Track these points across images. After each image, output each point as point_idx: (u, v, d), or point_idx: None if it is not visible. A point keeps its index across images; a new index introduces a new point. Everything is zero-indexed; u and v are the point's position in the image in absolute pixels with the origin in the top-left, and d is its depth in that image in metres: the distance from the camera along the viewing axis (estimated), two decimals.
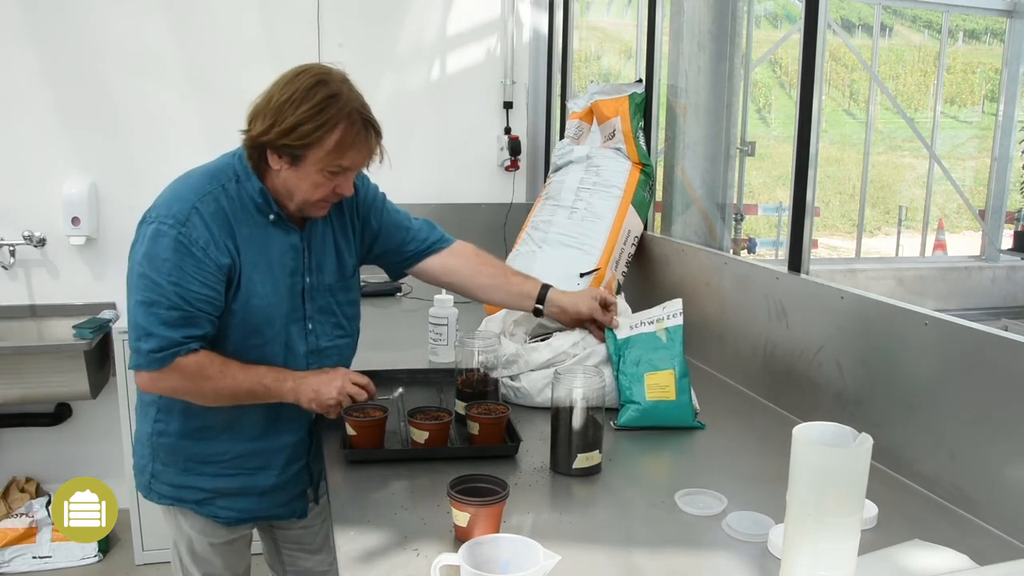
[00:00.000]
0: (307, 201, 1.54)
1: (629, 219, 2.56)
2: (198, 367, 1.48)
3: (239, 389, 1.51)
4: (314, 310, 1.64)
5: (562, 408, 1.50)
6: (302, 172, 1.49)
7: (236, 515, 1.70)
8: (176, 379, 1.49)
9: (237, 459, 1.64)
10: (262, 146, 1.49)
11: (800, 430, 1.01)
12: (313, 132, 1.44)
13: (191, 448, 1.63)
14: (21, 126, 3.20)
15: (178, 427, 1.62)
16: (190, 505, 1.67)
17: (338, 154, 1.47)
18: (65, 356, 2.98)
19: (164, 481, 1.66)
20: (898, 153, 11.38)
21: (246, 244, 1.52)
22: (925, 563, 1.16)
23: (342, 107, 1.45)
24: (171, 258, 1.45)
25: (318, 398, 1.52)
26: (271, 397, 1.54)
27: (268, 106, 1.46)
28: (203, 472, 1.64)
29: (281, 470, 1.69)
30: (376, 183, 1.80)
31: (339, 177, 1.52)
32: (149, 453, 1.66)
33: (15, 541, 3.04)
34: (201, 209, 1.48)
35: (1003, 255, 4.88)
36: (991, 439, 1.34)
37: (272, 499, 1.72)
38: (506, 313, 1.98)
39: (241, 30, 3.31)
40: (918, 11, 12.03)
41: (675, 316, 1.81)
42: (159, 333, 1.45)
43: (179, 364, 1.47)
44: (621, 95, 2.68)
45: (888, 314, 1.58)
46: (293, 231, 1.60)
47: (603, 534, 1.29)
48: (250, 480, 1.67)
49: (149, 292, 1.46)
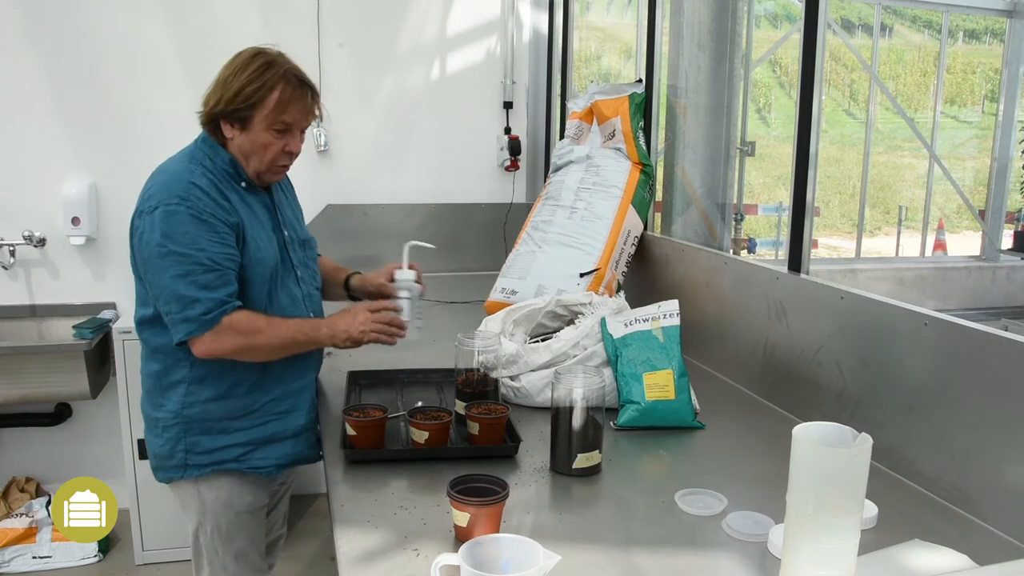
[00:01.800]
0: (262, 162, 1.71)
1: (629, 219, 2.56)
2: (248, 321, 1.64)
3: (286, 338, 1.67)
4: (297, 261, 1.84)
5: (562, 408, 1.50)
6: (252, 134, 1.68)
7: (274, 462, 1.80)
8: (233, 336, 1.62)
9: (268, 404, 1.76)
10: (215, 118, 1.68)
11: (800, 430, 1.01)
12: (256, 93, 1.65)
13: (224, 407, 1.73)
14: (21, 126, 3.20)
15: (211, 393, 1.71)
16: (231, 465, 1.75)
17: (279, 110, 1.67)
18: (65, 356, 2.98)
19: (200, 451, 1.74)
20: (898, 153, 11.38)
21: (239, 205, 1.70)
22: (925, 563, 1.16)
23: (277, 69, 1.67)
24: (191, 230, 1.60)
25: (351, 336, 1.70)
26: (310, 344, 1.72)
27: (217, 84, 1.69)
28: (239, 428, 1.75)
29: (309, 408, 1.83)
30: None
31: (286, 136, 1.71)
32: (179, 431, 1.73)
33: (15, 541, 3.04)
34: (197, 183, 1.65)
35: (1003, 255, 4.88)
36: (991, 439, 1.34)
37: (305, 440, 1.83)
38: (506, 313, 1.98)
39: (241, 30, 3.30)
40: (918, 11, 12.04)
41: (671, 316, 1.81)
42: (204, 296, 1.59)
43: (230, 322, 1.61)
44: (621, 95, 2.68)
45: (888, 314, 1.58)
46: (262, 193, 1.80)
47: (603, 534, 1.29)
48: (282, 424, 1.79)
49: (181, 265, 1.59)
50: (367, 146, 3.53)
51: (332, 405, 1.87)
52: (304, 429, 1.83)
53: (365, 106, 3.51)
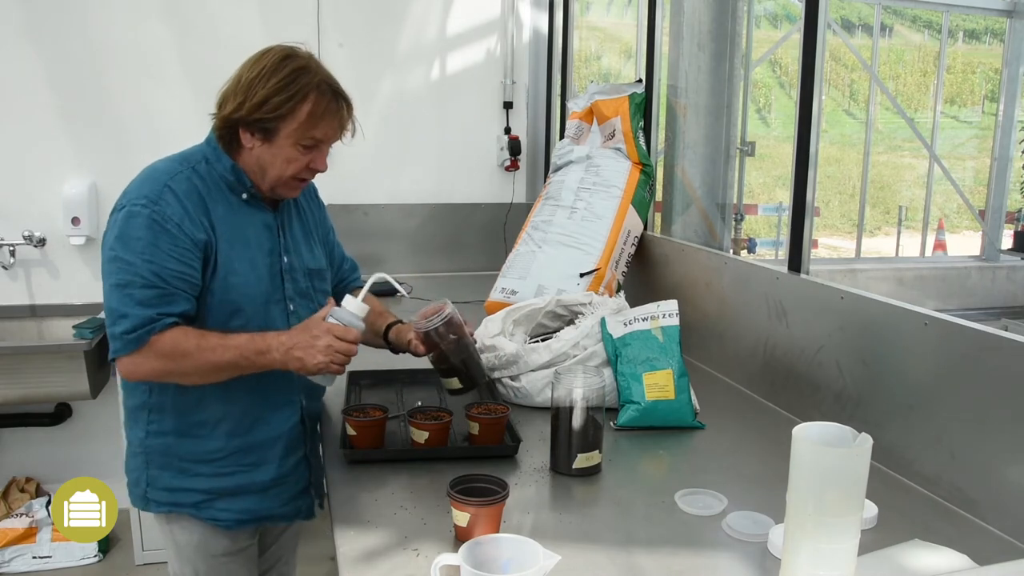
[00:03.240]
0: (280, 178, 1.53)
1: (629, 219, 2.56)
2: (173, 343, 1.42)
3: (220, 362, 1.44)
4: (294, 292, 1.62)
5: (562, 408, 1.50)
6: (276, 147, 1.50)
7: (236, 516, 1.61)
8: (155, 359, 1.42)
9: (233, 455, 1.58)
10: (234, 124, 1.49)
11: (800, 430, 1.01)
12: (285, 103, 1.45)
13: (185, 447, 1.57)
14: (21, 126, 3.20)
15: (172, 425, 1.56)
16: (188, 509, 1.59)
17: (310, 125, 1.48)
18: (65, 356, 2.98)
19: (160, 487, 1.60)
20: (898, 153, 11.37)
21: (221, 222, 1.51)
22: (925, 563, 1.16)
23: (311, 78, 1.48)
24: (145, 236, 1.42)
25: (304, 366, 1.44)
26: (254, 369, 1.47)
27: (238, 86, 1.48)
28: (199, 472, 1.58)
29: (279, 462, 1.63)
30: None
31: (313, 152, 1.52)
32: (143, 461, 1.61)
33: (15, 541, 3.04)
34: (174, 187, 1.47)
35: (1003, 255, 4.88)
36: (991, 439, 1.34)
37: (274, 497, 1.65)
38: (506, 313, 1.98)
39: (241, 30, 3.31)
40: (918, 11, 12.04)
41: (670, 316, 1.81)
42: (133, 313, 1.41)
43: (154, 343, 1.41)
44: (621, 95, 2.68)
45: (888, 314, 1.58)
46: (267, 211, 1.60)
47: (603, 534, 1.29)
48: (248, 476, 1.60)
49: (122, 274, 1.42)
50: (367, 146, 3.52)
51: (332, 405, 1.86)
52: (272, 484, 1.63)
53: (365, 106, 3.47)
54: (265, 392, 1.58)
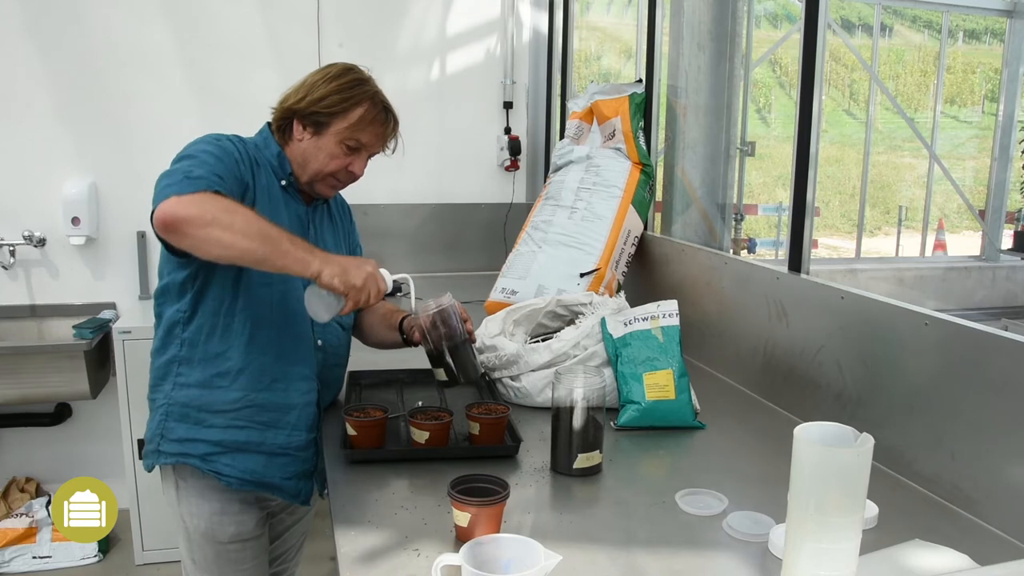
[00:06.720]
0: (320, 172, 1.66)
1: (629, 219, 2.56)
2: (229, 199, 1.43)
3: (267, 231, 1.40)
4: None
5: (562, 408, 1.50)
6: (322, 141, 1.65)
7: (239, 475, 1.65)
8: (207, 201, 1.39)
9: (247, 409, 1.64)
10: (291, 115, 1.65)
11: (801, 430, 1.01)
12: (340, 103, 1.63)
13: (205, 398, 1.63)
14: (21, 126, 3.20)
15: (197, 378, 1.62)
16: (194, 460, 1.64)
17: (359, 128, 1.65)
18: (65, 356, 2.98)
19: (173, 438, 1.64)
20: (898, 153, 11.37)
21: (262, 191, 1.62)
22: (925, 563, 1.16)
23: (368, 88, 1.67)
24: (208, 148, 1.54)
25: (344, 275, 1.44)
26: (296, 255, 1.43)
27: (302, 84, 1.66)
28: (213, 424, 1.63)
29: (290, 431, 1.68)
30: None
31: (354, 155, 1.67)
32: (163, 413, 1.65)
33: (15, 541, 3.04)
34: (233, 140, 1.61)
35: (1003, 255, 4.89)
36: (991, 439, 1.34)
37: (280, 466, 1.69)
38: (506, 313, 1.98)
39: (241, 30, 3.31)
40: (918, 11, 12.03)
41: (670, 316, 1.81)
42: (198, 171, 1.45)
43: (212, 193, 1.42)
44: (621, 95, 2.68)
45: (888, 314, 1.58)
46: (301, 203, 1.72)
47: (603, 534, 1.29)
48: (259, 434, 1.65)
49: (185, 160, 1.49)
50: None
51: (332, 405, 1.86)
52: (280, 452, 1.68)
53: None
54: (287, 357, 1.66)
